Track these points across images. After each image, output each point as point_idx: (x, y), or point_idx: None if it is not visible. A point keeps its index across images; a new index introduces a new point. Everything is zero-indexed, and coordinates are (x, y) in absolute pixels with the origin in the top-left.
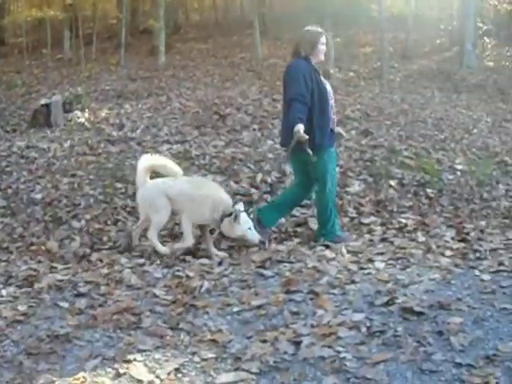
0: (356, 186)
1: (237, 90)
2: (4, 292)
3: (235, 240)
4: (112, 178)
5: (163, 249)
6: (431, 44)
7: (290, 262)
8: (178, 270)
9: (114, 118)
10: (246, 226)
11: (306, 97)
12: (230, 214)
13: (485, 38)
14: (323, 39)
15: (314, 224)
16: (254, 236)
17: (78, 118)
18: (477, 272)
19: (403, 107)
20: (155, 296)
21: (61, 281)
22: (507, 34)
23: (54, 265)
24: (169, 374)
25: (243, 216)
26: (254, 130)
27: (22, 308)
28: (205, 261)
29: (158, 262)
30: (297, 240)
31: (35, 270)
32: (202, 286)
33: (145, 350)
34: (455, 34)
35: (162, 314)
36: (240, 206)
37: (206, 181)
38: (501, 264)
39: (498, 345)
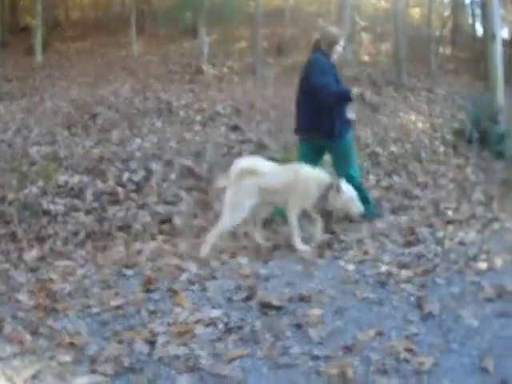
0: (222, 182)
1: (110, 89)
2: None
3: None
4: None
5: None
6: (309, 39)
7: (153, 260)
8: (42, 274)
9: None
10: (350, 193)
11: (332, 85)
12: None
13: (362, 33)
14: (342, 42)
15: (178, 221)
16: (358, 205)
17: None
18: (341, 262)
19: (275, 102)
20: (18, 301)
21: None
22: (383, 30)
23: None
24: (26, 380)
25: (344, 184)
26: (123, 128)
27: None
28: (68, 263)
29: (23, 266)
30: (161, 237)
31: None
32: (63, 289)
33: (4, 358)
34: None
35: (23, 320)
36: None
37: (294, 165)
38: (366, 253)
39: (356, 334)
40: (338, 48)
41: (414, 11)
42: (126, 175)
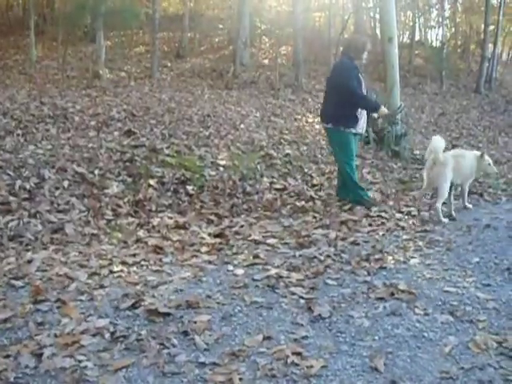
0: (114, 188)
1: (6, 94)
2: None
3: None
4: None
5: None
6: (209, 43)
7: (43, 271)
8: None
9: None
10: (490, 161)
11: (360, 89)
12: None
13: (263, 36)
14: (368, 46)
15: (70, 229)
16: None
17: None
18: (230, 267)
19: (170, 106)
20: None
21: None
22: (283, 33)
23: None
24: None
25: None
26: (17, 135)
27: None
28: None
29: None
30: (52, 247)
31: None
32: None
33: None
34: (232, 33)
35: None
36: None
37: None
38: (256, 257)
39: (244, 340)
40: (365, 54)
41: (315, 15)
42: (18, 183)
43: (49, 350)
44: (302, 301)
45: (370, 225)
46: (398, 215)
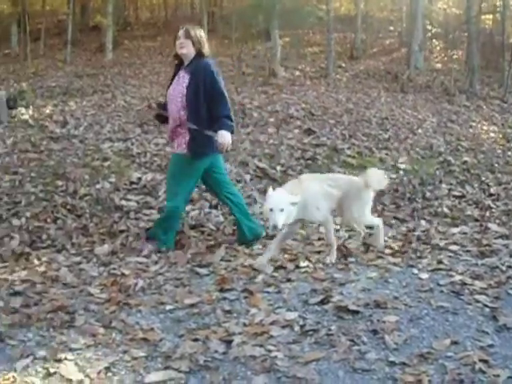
0: None
1: None
2: None
3: None
4: (53, 175)
5: None
6: (380, 45)
7: (227, 261)
8: (114, 269)
9: (58, 115)
10: None
11: None
12: None
13: (433, 40)
14: None
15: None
16: None
17: (22, 114)
18: (415, 270)
19: (348, 106)
20: (90, 294)
21: None
22: (455, 36)
23: None
24: (99, 372)
25: None
26: None
27: None
28: (141, 259)
29: (95, 260)
30: (234, 237)
31: None
32: (136, 285)
33: (76, 349)
34: (404, 36)
35: (95, 313)
36: None
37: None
38: (440, 262)
39: (432, 343)
40: None
41: (486, 18)
42: None
43: (238, 337)
44: (487, 309)
45: None
46: None
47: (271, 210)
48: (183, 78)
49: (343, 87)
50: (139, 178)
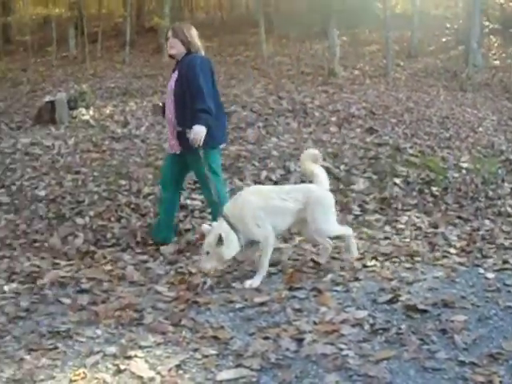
0: (360, 184)
1: (242, 88)
2: (6, 288)
3: None
4: (116, 174)
5: None
6: (437, 42)
7: (294, 260)
8: (181, 267)
9: (119, 115)
10: None
11: None
12: None
13: (491, 36)
14: None
15: None
16: None
17: (83, 115)
18: (481, 270)
19: (408, 105)
20: (157, 292)
21: (63, 277)
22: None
23: (57, 261)
24: (170, 370)
25: None
26: (258, 127)
27: (24, 304)
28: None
29: (162, 258)
30: (298, 238)
31: (38, 266)
32: (204, 283)
33: (146, 347)
34: (461, 33)
35: (164, 311)
36: None
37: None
38: (505, 262)
39: (502, 343)
40: None
41: None
42: (263, 174)
43: (309, 336)
44: None
45: None
46: None
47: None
48: (174, 76)
49: (402, 86)
50: None
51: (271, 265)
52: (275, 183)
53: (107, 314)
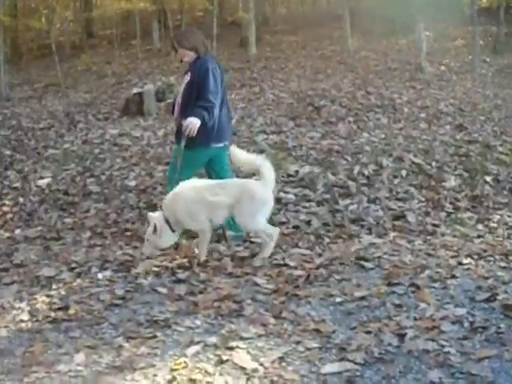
0: (452, 181)
1: (329, 83)
2: (100, 276)
3: None
4: None
5: None
6: None
7: (390, 255)
8: (277, 259)
9: None
10: None
11: None
12: None
13: None
14: None
15: (411, 218)
16: None
17: None
18: None
19: (497, 102)
20: (256, 284)
21: (158, 266)
22: None
23: None
24: (273, 362)
25: None
26: (349, 122)
27: (119, 292)
28: (305, 251)
29: (258, 249)
30: (393, 234)
31: (131, 255)
32: (303, 276)
33: (247, 338)
34: None
35: (263, 303)
36: None
37: None
38: None
39: None
40: None
41: None
42: (356, 169)
43: (410, 331)
44: None
45: None
46: None
47: None
48: (186, 78)
49: (489, 82)
50: (296, 171)
51: (367, 260)
52: (367, 178)
53: (206, 304)
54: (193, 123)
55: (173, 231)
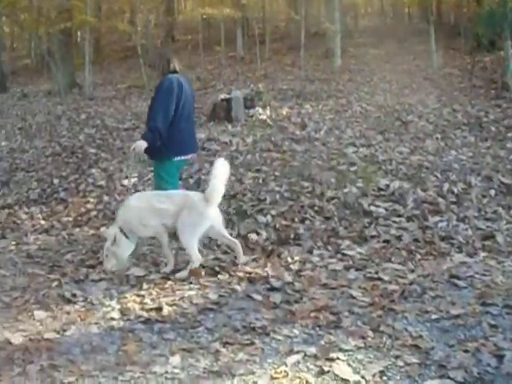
0: None
1: (415, 98)
2: (192, 279)
3: None
4: (298, 176)
5: None
6: None
7: (482, 275)
8: (370, 273)
9: (296, 117)
10: None
11: None
12: None
13: None
14: None
15: (501, 239)
16: None
17: (260, 114)
18: None
19: None
20: (352, 297)
21: (250, 273)
22: None
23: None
24: (374, 375)
25: None
26: (436, 138)
27: (212, 297)
28: (398, 266)
29: (351, 262)
30: (483, 254)
31: (222, 260)
32: (397, 291)
33: (347, 350)
34: None
35: (360, 315)
36: None
37: None
38: None
39: None
40: None
41: None
42: (445, 186)
43: (509, 353)
44: None
45: None
46: None
47: None
48: None
49: None
50: (387, 185)
51: (460, 278)
52: (457, 196)
53: (303, 314)
54: (138, 146)
55: (127, 238)
